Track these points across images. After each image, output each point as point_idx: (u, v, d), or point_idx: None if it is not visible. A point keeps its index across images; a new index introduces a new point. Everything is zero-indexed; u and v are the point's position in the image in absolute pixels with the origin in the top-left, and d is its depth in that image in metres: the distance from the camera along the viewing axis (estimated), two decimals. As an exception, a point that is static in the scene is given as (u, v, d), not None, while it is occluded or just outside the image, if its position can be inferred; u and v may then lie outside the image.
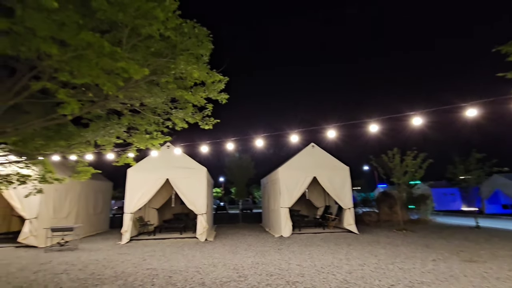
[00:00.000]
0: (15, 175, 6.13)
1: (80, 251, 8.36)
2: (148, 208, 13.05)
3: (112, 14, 2.70)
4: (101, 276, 5.64)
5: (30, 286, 5.06)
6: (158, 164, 10.46)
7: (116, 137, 5.44)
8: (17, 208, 9.46)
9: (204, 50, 3.87)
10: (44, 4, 2.21)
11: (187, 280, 5.20)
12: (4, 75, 4.65)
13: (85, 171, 6.11)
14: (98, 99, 4.03)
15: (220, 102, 4.87)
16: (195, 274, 5.63)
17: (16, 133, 4.24)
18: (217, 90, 4.64)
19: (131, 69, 2.83)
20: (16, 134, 4.32)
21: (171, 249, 8.35)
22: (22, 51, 2.45)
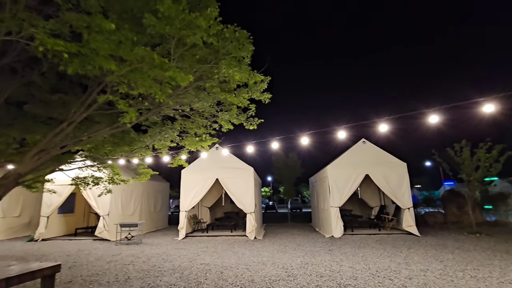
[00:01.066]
0: (90, 177, 7.10)
1: (143, 245, 9.26)
2: (201, 206, 13.83)
3: (160, 28, 2.95)
4: (161, 268, 6.16)
5: (104, 274, 5.78)
6: (208, 165, 11.02)
7: (170, 141, 5.91)
8: (93, 206, 10.92)
9: (245, 52, 3.97)
10: (104, 27, 2.54)
11: (237, 277, 5.37)
12: (79, 92, 5.43)
13: (145, 173, 6.77)
14: (153, 107, 4.42)
15: (263, 102, 4.93)
16: (245, 271, 5.78)
17: (89, 141, 4.91)
18: (260, 90, 4.71)
19: (178, 77, 3.05)
20: (90, 141, 5.00)
21: (222, 246, 8.71)
22: (89, 70, 2.85)
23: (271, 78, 4.63)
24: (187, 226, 11.14)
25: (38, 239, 10.64)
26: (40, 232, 10.73)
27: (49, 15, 2.88)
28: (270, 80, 4.66)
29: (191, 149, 6.13)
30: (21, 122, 5.49)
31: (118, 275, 5.66)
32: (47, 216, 10.90)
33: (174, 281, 5.15)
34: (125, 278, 5.42)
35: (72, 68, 2.71)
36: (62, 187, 10.01)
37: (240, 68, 3.97)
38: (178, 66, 3.38)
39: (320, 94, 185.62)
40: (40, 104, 5.41)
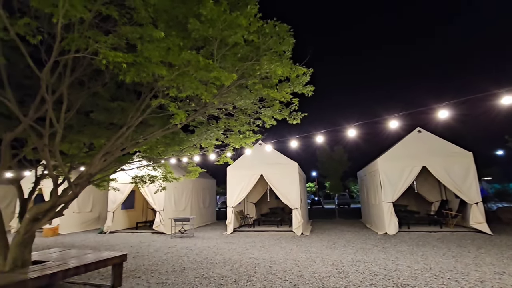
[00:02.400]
0: (147, 176, 7.75)
1: (195, 239, 9.83)
2: (247, 202, 14.17)
3: (204, 31, 3.07)
4: (212, 261, 6.47)
5: (163, 264, 6.29)
6: (253, 161, 11.20)
7: (216, 139, 6.15)
8: (150, 202, 11.94)
9: (286, 46, 3.91)
10: (155, 36, 2.74)
11: (286, 272, 5.38)
12: (134, 98, 5.94)
13: (194, 171, 7.15)
14: (199, 108, 4.64)
15: (306, 95, 4.82)
16: (293, 266, 5.76)
17: (145, 143, 5.36)
18: (302, 84, 4.61)
19: (222, 77, 3.15)
20: (145, 143, 5.45)
21: (269, 241, 8.81)
22: (144, 77, 3.11)
23: (313, 70, 4.50)
24: (235, 221, 11.50)
25: (107, 231, 12.01)
26: (108, 225, 12.11)
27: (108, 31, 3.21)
28: (313, 73, 4.52)
29: (236, 146, 6.30)
30: (89, 128, 6.21)
31: (175, 266, 6.11)
32: (112, 211, 12.24)
33: (226, 273, 5.38)
34: (181, 269, 5.82)
35: (129, 76, 2.99)
36: (123, 185, 11.12)
37: (282, 63, 3.93)
38: (221, 66, 3.49)
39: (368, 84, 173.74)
40: (103, 111, 6.05)
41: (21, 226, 4.09)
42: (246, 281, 4.87)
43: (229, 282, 4.87)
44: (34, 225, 4.08)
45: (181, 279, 5.10)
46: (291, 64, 4.14)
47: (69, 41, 2.67)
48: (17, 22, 2.53)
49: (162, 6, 2.96)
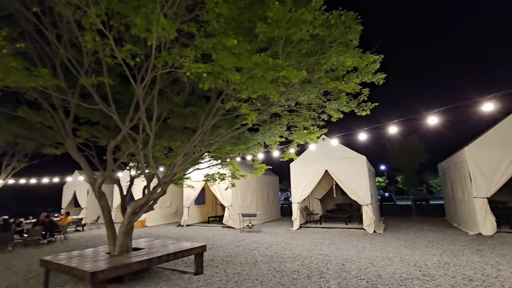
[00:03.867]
0: (217, 174, 8.33)
1: (263, 233, 10.15)
2: (311, 198, 13.97)
3: (270, 32, 3.16)
4: (282, 255, 6.60)
5: (236, 256, 6.69)
6: (317, 156, 10.97)
7: (279, 136, 6.24)
8: (219, 198, 12.81)
9: (354, 34, 3.72)
10: (228, 44, 2.95)
11: (361, 270, 5.15)
12: (203, 103, 6.46)
13: (260, 168, 7.39)
14: (265, 106, 4.77)
15: (377, 83, 4.50)
16: (368, 265, 5.47)
17: (216, 143, 5.78)
18: (372, 72, 4.31)
19: (291, 75, 3.18)
20: (216, 143, 5.89)
21: (339, 238, 8.53)
22: (219, 83, 3.37)
23: (383, 56, 4.16)
24: (300, 217, 11.47)
25: (184, 224, 13.35)
26: (184, 219, 13.45)
27: (185, 44, 3.58)
28: (384, 59, 4.18)
29: (300, 142, 6.28)
30: (167, 133, 7.00)
31: (247, 258, 6.44)
32: (187, 207, 13.54)
33: (297, 268, 5.43)
34: (253, 261, 6.11)
35: (207, 84, 3.29)
36: (196, 183, 12.17)
37: (350, 53, 3.75)
38: (286, 64, 3.52)
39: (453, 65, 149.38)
40: (178, 117, 6.74)
41: (124, 218, 4.90)
42: (319, 277, 4.84)
43: (302, 277, 4.91)
44: (134, 217, 4.84)
45: (254, 271, 5.36)
46: (360, 53, 3.92)
47: (161, 59, 3.09)
48: (121, 49, 3.06)
49: (230, 15, 3.16)
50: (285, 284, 4.54)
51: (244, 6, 3.14)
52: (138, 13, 2.56)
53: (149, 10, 2.57)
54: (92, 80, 3.42)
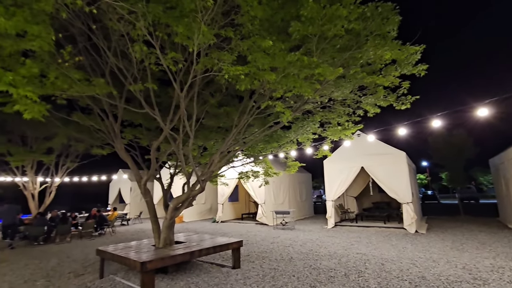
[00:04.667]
0: (250, 172, 8.49)
1: (297, 231, 10.13)
2: (346, 196, 13.60)
3: (304, 30, 3.16)
4: (318, 253, 6.55)
5: (271, 252, 6.78)
6: (352, 153, 10.64)
7: (312, 133, 6.18)
8: (252, 195, 13.02)
9: (391, 25, 3.57)
10: (263, 45, 3.03)
11: (402, 271, 4.94)
12: (236, 103, 6.62)
13: (293, 165, 7.39)
14: (299, 104, 4.78)
15: (418, 75, 4.26)
16: (410, 266, 5.23)
17: (249, 141, 5.91)
18: (412, 63, 4.09)
19: (327, 72, 3.16)
20: (249, 141, 6.02)
21: (377, 238, 8.23)
22: (255, 84, 3.47)
23: (425, 47, 3.92)
24: (335, 215, 11.24)
25: (218, 221, 13.79)
26: (219, 215, 13.89)
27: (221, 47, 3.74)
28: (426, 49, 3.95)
29: (334, 138, 6.17)
30: (202, 133, 7.29)
31: (282, 254, 6.50)
32: (222, 203, 13.96)
33: (334, 266, 5.37)
34: (288, 258, 6.16)
35: (244, 85, 3.41)
36: (229, 180, 12.49)
37: (389, 46, 3.60)
38: (320, 60, 3.50)
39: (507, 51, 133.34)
40: (212, 117, 7.00)
41: (167, 213, 5.25)
42: (357, 276, 4.75)
43: (339, 275, 4.85)
44: (176, 212, 5.16)
45: (290, 267, 5.41)
46: (399, 45, 3.75)
47: (201, 64, 3.28)
48: (165, 57, 3.30)
49: (264, 16, 3.23)
50: (322, 282, 4.53)
51: (277, 6, 3.19)
52: (180, 22, 2.74)
53: (191, 18, 2.74)
54: (139, 86, 3.72)
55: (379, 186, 10.60)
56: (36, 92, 2.95)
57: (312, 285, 4.40)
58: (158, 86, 5.80)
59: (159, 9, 2.72)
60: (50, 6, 2.53)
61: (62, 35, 3.64)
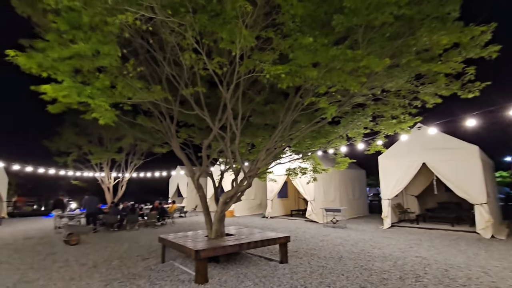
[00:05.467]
0: (298, 168, 8.44)
1: (348, 230, 9.73)
2: (405, 194, 12.52)
3: (348, 22, 3.04)
4: (370, 253, 6.22)
5: (320, 250, 6.67)
6: (411, 148, 9.73)
7: (364, 128, 5.85)
8: (301, 192, 12.91)
9: (452, 5, 3.17)
10: (304, 43, 3.01)
11: (470, 279, 4.40)
12: (282, 100, 6.64)
13: (343, 162, 7.11)
14: (346, 98, 4.59)
15: (488, 58, 3.70)
16: (481, 275, 4.62)
17: (296, 138, 5.90)
18: (481, 45, 3.57)
19: (373, 64, 2.99)
20: (296, 138, 6.00)
21: (441, 241, 7.43)
22: (296, 81, 3.47)
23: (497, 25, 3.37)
24: (392, 215, 10.46)
25: (268, 216, 14.03)
26: (268, 211, 14.12)
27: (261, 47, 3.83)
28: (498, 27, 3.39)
29: (388, 133, 5.74)
30: (249, 131, 7.51)
31: (332, 253, 6.34)
32: (271, 200, 14.15)
33: (388, 268, 5.06)
34: (338, 256, 5.99)
35: (286, 83, 3.44)
36: (278, 177, 12.58)
37: (447, 29, 3.21)
38: (366, 52, 3.31)
39: None
40: (258, 115, 7.15)
41: (218, 207, 5.59)
42: (415, 280, 4.40)
43: (393, 278, 4.55)
44: (225, 206, 5.47)
45: (339, 266, 5.27)
46: (460, 27, 3.31)
47: (244, 65, 3.44)
48: (211, 62, 3.55)
49: (305, 13, 3.19)
50: (374, 283, 4.31)
51: (319, 1, 3.11)
52: (224, 28, 2.90)
53: (233, 24, 2.88)
54: (190, 90, 4.05)
55: (445, 185, 9.50)
56: (108, 101, 3.49)
57: (362, 285, 4.23)
58: (207, 88, 6.19)
59: (205, 18, 2.92)
60: (116, 28, 2.96)
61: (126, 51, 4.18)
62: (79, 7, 2.65)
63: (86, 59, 3.04)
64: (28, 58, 3.00)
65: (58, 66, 3.06)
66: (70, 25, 2.79)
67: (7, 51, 2.99)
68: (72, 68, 3.22)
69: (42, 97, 3.45)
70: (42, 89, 3.29)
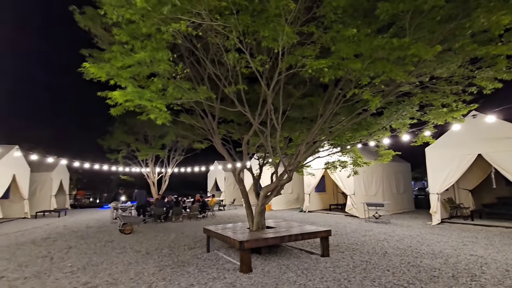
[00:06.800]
0: (337, 162, 8.26)
1: (392, 225, 9.30)
2: (457, 189, 11.56)
3: (394, 9, 2.90)
4: (418, 250, 5.91)
5: (362, 245, 6.50)
6: (463, 138, 8.92)
7: (410, 118, 5.52)
8: (340, 186, 12.59)
9: (514, -19, 2.85)
10: (347, 34, 2.95)
11: (541, 283, 3.97)
12: (320, 92, 6.53)
13: (387, 154, 6.79)
14: (391, 88, 4.38)
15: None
16: (554, 279, 4.14)
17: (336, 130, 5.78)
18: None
19: (422, 52, 2.82)
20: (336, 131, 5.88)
21: (501, 240, 6.77)
22: (339, 74, 3.42)
23: None
24: (442, 210, 9.75)
25: (305, 210, 13.95)
26: (306, 205, 14.04)
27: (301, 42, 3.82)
28: None
29: (438, 122, 5.34)
30: (287, 125, 7.52)
31: (375, 248, 6.15)
32: (308, 194, 14.03)
33: (438, 266, 4.78)
34: (382, 252, 5.79)
35: (328, 76, 3.41)
36: (316, 170, 12.41)
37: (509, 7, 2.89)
38: (414, 38, 3.12)
39: None
40: (296, 108, 7.12)
41: (258, 200, 5.75)
42: (470, 280, 4.11)
43: (445, 276, 4.30)
44: (266, 200, 5.60)
45: (384, 262, 5.10)
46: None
47: (285, 62, 3.49)
48: (254, 60, 3.66)
49: (348, 2, 3.11)
50: (423, 280, 4.12)
51: (362, -11, 3.01)
52: (267, 27, 2.96)
53: (275, 22, 2.93)
54: (232, 88, 4.22)
55: (506, 178, 8.57)
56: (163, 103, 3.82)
57: (410, 282, 4.07)
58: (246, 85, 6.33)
59: (248, 19, 3.01)
60: (170, 36, 3.22)
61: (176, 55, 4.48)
62: (138, 19, 2.92)
63: (144, 66, 3.34)
64: (99, 69, 3.41)
65: (122, 73, 3.43)
66: (130, 36, 3.10)
67: (84, 64, 3.43)
68: (132, 74, 3.58)
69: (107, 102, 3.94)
70: (110, 95, 3.75)
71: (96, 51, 4.74)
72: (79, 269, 4.97)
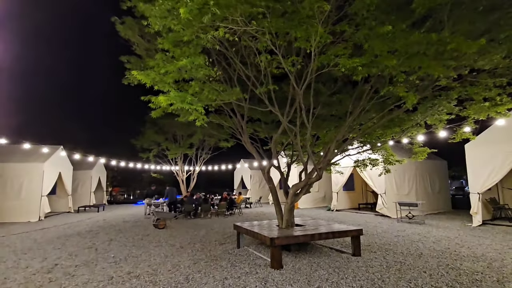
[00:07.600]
0: (367, 160, 8.05)
1: (427, 226, 8.87)
2: (502, 188, 10.73)
3: (431, 2, 2.79)
4: (457, 252, 5.61)
5: (395, 245, 6.30)
6: (508, 133, 8.27)
7: (447, 113, 5.24)
8: (370, 185, 12.22)
9: None
10: (381, 32, 2.90)
11: None
12: (350, 89, 6.40)
13: (421, 152, 6.51)
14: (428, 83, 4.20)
15: None
16: None
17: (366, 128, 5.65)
18: None
19: (463, 47, 2.69)
20: (366, 128, 5.75)
21: (554, 245, 6.21)
22: (373, 71, 3.37)
23: None
24: (483, 211, 9.12)
25: (333, 209, 13.71)
26: (334, 204, 13.80)
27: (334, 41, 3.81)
28: None
29: (479, 117, 5.02)
30: (314, 122, 7.45)
31: (410, 249, 5.94)
32: (336, 192, 13.77)
33: (480, 270, 4.52)
34: (417, 253, 5.58)
35: (361, 75, 3.38)
36: (344, 168, 12.16)
37: None
38: (453, 30, 2.98)
39: None
40: (324, 106, 7.05)
41: (288, 198, 5.80)
42: (519, 286, 3.84)
43: (488, 280, 4.07)
44: (295, 198, 5.63)
45: (420, 263, 4.92)
46: None
47: (317, 61, 3.51)
48: (286, 61, 3.72)
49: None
50: (464, 284, 3.93)
51: (395, -16, 2.93)
52: (299, 28, 3.00)
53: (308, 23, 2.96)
54: (263, 88, 4.32)
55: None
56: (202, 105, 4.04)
57: (450, 285, 3.91)
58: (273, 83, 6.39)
59: (281, 21, 3.06)
60: (210, 43, 3.40)
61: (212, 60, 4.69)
62: (179, 28, 3.12)
63: (183, 71, 3.56)
64: (145, 76, 3.70)
65: (166, 79, 3.69)
66: (172, 44, 3.32)
67: (133, 72, 3.76)
68: (173, 80, 3.83)
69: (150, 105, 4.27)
70: (154, 100, 4.07)
71: (134, 58, 5.08)
72: (121, 260, 5.36)
